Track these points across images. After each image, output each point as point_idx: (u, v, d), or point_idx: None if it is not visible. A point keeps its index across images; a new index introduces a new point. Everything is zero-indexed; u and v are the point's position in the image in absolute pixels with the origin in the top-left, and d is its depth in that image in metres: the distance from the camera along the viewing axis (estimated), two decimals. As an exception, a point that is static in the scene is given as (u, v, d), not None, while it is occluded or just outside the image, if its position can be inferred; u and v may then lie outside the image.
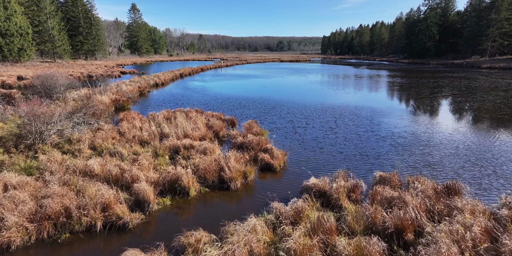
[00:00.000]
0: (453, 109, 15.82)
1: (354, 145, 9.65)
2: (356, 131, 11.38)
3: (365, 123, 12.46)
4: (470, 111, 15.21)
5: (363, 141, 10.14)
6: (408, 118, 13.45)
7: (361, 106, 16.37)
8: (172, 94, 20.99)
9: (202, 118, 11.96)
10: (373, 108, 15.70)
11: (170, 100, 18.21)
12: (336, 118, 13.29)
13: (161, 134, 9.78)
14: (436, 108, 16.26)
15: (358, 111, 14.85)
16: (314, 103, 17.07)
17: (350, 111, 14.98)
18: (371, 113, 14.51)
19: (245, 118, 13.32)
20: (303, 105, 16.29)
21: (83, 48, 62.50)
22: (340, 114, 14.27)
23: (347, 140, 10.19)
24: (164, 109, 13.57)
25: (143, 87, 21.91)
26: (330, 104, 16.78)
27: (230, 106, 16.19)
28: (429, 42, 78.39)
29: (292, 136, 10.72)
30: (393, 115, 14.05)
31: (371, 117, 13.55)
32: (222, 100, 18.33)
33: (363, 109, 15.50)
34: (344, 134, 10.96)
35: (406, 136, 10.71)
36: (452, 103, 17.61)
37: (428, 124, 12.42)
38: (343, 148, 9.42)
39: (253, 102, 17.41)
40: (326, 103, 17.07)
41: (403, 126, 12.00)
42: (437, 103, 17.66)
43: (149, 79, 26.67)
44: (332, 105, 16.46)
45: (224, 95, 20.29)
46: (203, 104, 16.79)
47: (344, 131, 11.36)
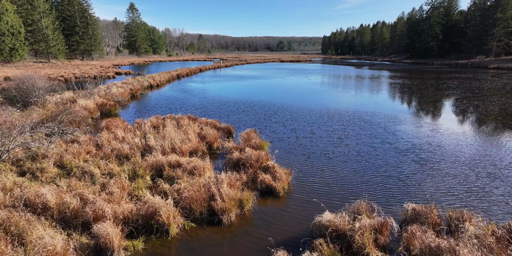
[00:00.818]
0: (474, 115, 14.40)
1: (370, 162, 8.26)
2: (369, 142, 9.99)
3: (378, 133, 11.07)
4: (493, 117, 13.82)
5: (380, 155, 8.74)
6: (428, 126, 12.03)
7: (371, 111, 14.98)
8: (166, 97, 19.61)
9: (194, 127, 10.60)
10: (385, 114, 14.31)
11: (162, 104, 16.83)
12: (345, 126, 11.91)
13: (146, 146, 8.41)
14: (455, 113, 14.86)
15: (368, 118, 13.46)
16: (318, 108, 15.69)
17: (359, 117, 13.59)
18: (383, 119, 13.12)
19: (243, 126, 11.95)
20: (307, 111, 14.91)
21: (79, 48, 61.13)
22: (349, 121, 12.89)
23: (361, 155, 8.80)
24: (153, 116, 12.20)
25: (135, 89, 20.54)
26: (336, 109, 15.40)
27: (228, 111, 14.81)
28: (432, 42, 76.98)
29: (297, 149, 9.34)
30: (408, 123, 12.66)
31: (384, 125, 12.16)
32: (219, 104, 16.95)
33: (374, 115, 14.11)
34: (357, 146, 9.57)
35: (431, 149, 9.30)
36: (470, 107, 16.19)
37: (453, 134, 11.00)
38: (358, 165, 8.03)
39: (252, 106, 16.03)
40: (331, 108, 15.68)
41: (424, 137, 10.59)
42: (454, 107, 16.26)
43: (143, 81, 25.30)
44: (338, 110, 15.07)
45: (222, 99, 18.91)
46: (198, 109, 15.41)
47: (356, 142, 9.97)
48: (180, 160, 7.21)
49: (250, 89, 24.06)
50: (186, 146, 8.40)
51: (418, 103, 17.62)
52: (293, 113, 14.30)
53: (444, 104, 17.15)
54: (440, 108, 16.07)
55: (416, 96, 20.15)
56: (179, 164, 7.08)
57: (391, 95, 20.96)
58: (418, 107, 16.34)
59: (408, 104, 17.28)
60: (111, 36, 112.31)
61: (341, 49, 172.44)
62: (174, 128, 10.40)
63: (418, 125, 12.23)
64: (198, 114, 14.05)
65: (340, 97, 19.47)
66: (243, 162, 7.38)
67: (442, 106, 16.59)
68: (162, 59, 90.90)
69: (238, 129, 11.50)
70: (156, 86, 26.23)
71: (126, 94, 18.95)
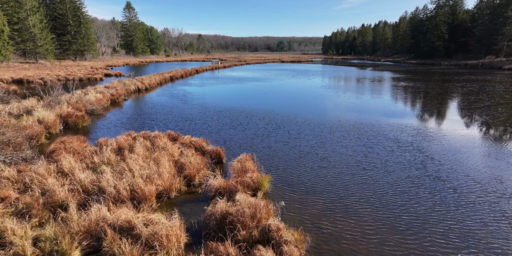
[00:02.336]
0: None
1: (420, 213, 5.68)
2: (407, 173, 7.43)
3: (415, 158, 8.46)
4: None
5: (430, 200, 6.18)
6: (482, 150, 9.43)
7: (393, 124, 12.43)
8: (152, 104, 17.08)
9: (173, 149, 8.09)
10: (411, 128, 11.75)
11: (145, 114, 14.29)
12: (367, 148, 9.35)
13: (94, 187, 5.88)
14: (501, 126, 12.29)
15: (393, 134, 10.90)
16: (328, 119, 13.15)
17: (381, 132, 11.04)
18: (413, 137, 10.55)
19: (238, 146, 9.41)
20: (315, 123, 12.34)
21: (71, 48, 58.60)
22: (369, 137, 10.34)
23: (403, 198, 6.24)
24: (125, 133, 9.68)
25: (117, 95, 17.99)
26: (350, 121, 12.85)
27: (220, 124, 12.25)
28: (438, 42, 74.46)
29: (310, 188, 6.77)
30: (451, 142, 10.08)
31: (418, 145, 9.57)
32: (211, 114, 14.40)
33: (399, 130, 11.55)
34: (391, 183, 6.98)
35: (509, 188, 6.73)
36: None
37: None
38: (404, 221, 5.47)
39: (250, 117, 13.48)
40: (344, 119, 13.13)
41: (487, 168, 8.01)
42: (491, 117, 13.69)
43: (130, 84, 22.77)
44: (353, 123, 12.52)
45: (215, 106, 16.36)
46: (185, 121, 12.87)
47: (388, 175, 7.37)
48: (134, 219, 4.66)
49: (249, 94, 21.53)
50: (151, 187, 5.86)
51: (446, 113, 15.05)
52: (299, 126, 11.74)
53: (478, 113, 14.60)
54: (477, 119, 13.52)
55: (439, 103, 17.60)
56: (131, 227, 4.54)
57: (409, 102, 18.40)
58: (448, 119, 13.76)
59: (434, 115, 14.70)
60: (109, 36, 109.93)
61: (342, 49, 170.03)
62: (145, 151, 7.88)
63: (470, 146, 9.68)
64: (185, 127, 11.51)
65: (352, 105, 16.92)
66: (232, 219, 4.84)
67: (477, 116, 14.04)
68: (159, 59, 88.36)
69: (231, 150, 8.97)
70: (145, 90, 23.70)
71: (105, 100, 16.41)
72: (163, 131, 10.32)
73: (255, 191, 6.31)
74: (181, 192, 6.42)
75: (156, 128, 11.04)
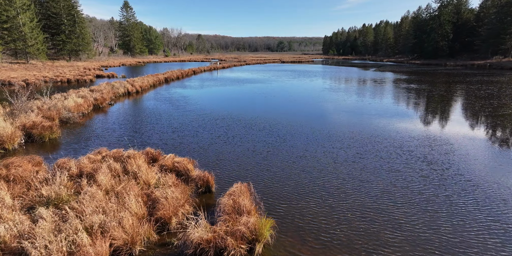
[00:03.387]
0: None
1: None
2: (455, 212, 5.64)
3: (463, 188, 6.67)
4: None
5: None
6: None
7: (416, 137, 10.63)
8: (139, 111, 15.29)
9: (149, 175, 6.32)
10: (442, 142, 9.94)
11: (128, 123, 12.49)
12: (395, 172, 7.54)
13: (19, 245, 4.09)
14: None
15: (421, 151, 9.10)
16: (338, 130, 11.35)
17: (406, 148, 9.24)
18: (448, 155, 8.74)
19: (232, 169, 7.60)
20: (325, 136, 10.51)
21: (66, 48, 56.83)
22: (391, 155, 8.55)
23: (451, 250, 4.47)
24: (95, 150, 7.91)
25: (101, 99, 16.20)
26: (364, 133, 11.04)
27: (213, 137, 10.45)
28: (442, 42, 72.67)
29: (328, 238, 4.98)
30: (487, 159, 8.31)
31: (458, 168, 7.78)
32: (204, 122, 12.61)
33: (427, 145, 9.73)
34: (433, 225, 5.22)
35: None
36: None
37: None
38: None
39: (249, 127, 11.67)
40: (357, 130, 11.32)
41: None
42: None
43: (119, 87, 20.98)
44: (369, 135, 10.71)
45: (210, 113, 14.58)
46: (173, 132, 11.08)
47: (427, 217, 5.58)
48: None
49: (247, 98, 19.74)
50: (103, 245, 4.07)
51: (475, 123, 13.24)
52: (306, 140, 9.92)
53: (509, 120, 12.81)
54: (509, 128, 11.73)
55: (460, 109, 15.80)
56: None
57: (427, 108, 16.59)
58: (482, 130, 11.96)
59: (460, 124, 12.89)
60: (107, 36, 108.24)
61: (343, 50, 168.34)
62: (112, 179, 6.10)
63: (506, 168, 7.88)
64: (171, 141, 9.71)
65: (363, 112, 15.12)
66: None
67: (508, 124, 12.25)
68: (157, 60, 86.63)
69: (224, 173, 7.18)
70: (136, 93, 21.91)
71: (86, 106, 14.62)
72: (142, 147, 8.54)
73: (251, 243, 4.54)
74: (150, 244, 4.64)
75: (135, 142, 9.23)
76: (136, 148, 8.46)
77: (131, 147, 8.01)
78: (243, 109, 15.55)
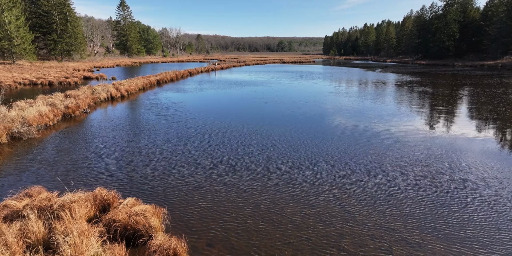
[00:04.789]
0: None
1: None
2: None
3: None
4: None
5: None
6: None
7: (459, 160, 8.25)
8: (115, 122, 12.89)
9: (83, 244, 3.93)
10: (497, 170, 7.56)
11: (93, 140, 10.10)
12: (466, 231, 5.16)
13: None
14: None
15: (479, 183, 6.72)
16: (361, 152, 8.95)
17: (454, 183, 6.86)
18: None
19: (226, 233, 5.20)
20: (345, 163, 8.07)
21: (57, 48, 54.45)
22: (446, 201, 6.16)
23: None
24: (22, 191, 5.53)
25: (74, 107, 13.80)
26: (399, 154, 8.64)
27: (199, 163, 8.03)
28: (448, 42, 70.27)
29: None
30: None
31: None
32: (190, 139, 10.22)
33: (483, 178, 7.35)
34: None
35: None
36: None
37: None
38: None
39: (245, 148, 9.22)
40: (388, 152, 8.89)
41: None
42: None
43: (101, 91, 18.60)
44: (407, 158, 8.31)
45: (200, 126, 12.19)
46: (148, 154, 8.69)
47: None
48: None
49: (245, 104, 17.37)
50: None
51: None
52: (324, 174, 7.51)
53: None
54: None
55: (498, 119, 13.43)
56: None
57: (456, 119, 14.23)
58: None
59: (505, 140, 10.52)
60: (104, 35, 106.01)
61: (344, 50, 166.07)
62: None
63: None
64: (141, 170, 7.29)
65: (385, 123, 12.74)
66: None
67: None
68: (154, 60, 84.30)
69: (208, 241, 4.79)
70: (121, 98, 19.53)
71: (52, 116, 12.23)
72: (91, 186, 6.14)
73: None
74: None
75: (90, 174, 6.77)
76: (88, 184, 6.08)
77: (67, 192, 5.53)
78: (240, 120, 13.17)
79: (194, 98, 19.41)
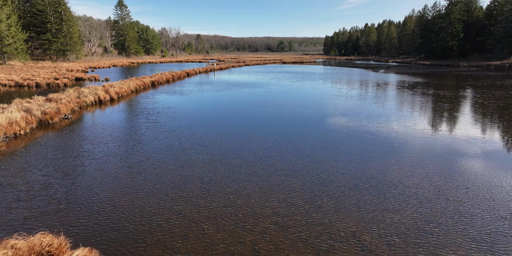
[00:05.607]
0: None
1: None
2: None
3: None
4: None
5: None
6: None
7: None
8: (98, 131, 11.46)
9: None
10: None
11: (63, 157, 8.64)
12: None
13: None
14: None
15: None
16: (382, 169, 7.54)
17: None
18: None
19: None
20: (361, 185, 6.69)
21: (52, 47, 53.02)
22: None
23: None
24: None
25: (52, 113, 12.36)
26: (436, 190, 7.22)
27: (187, 194, 6.62)
28: (452, 41, 68.85)
29: None
30: None
31: None
32: (179, 155, 8.78)
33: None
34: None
35: None
36: None
37: None
38: None
39: (245, 172, 7.77)
40: (412, 171, 7.49)
41: None
42: None
43: (88, 94, 17.17)
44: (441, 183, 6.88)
45: (192, 135, 10.78)
46: (125, 176, 7.25)
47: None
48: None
49: (244, 110, 15.94)
50: None
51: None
52: (341, 203, 6.09)
53: None
54: None
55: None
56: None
57: (484, 124, 12.82)
58: None
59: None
60: (103, 35, 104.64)
61: (345, 50, 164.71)
62: None
63: None
64: (109, 204, 5.87)
65: (406, 133, 11.33)
66: None
67: None
68: (153, 60, 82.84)
69: None
70: (110, 101, 18.11)
71: (24, 124, 10.80)
72: (38, 226, 4.70)
73: None
74: None
75: (36, 211, 5.28)
76: (35, 224, 4.64)
77: (8, 236, 4.08)
78: (238, 129, 11.75)
79: (189, 102, 17.98)
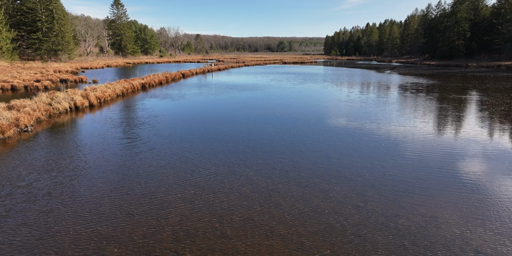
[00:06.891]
0: None
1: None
2: None
3: None
4: None
5: None
6: None
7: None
8: (61, 149, 9.24)
9: None
10: None
11: (6, 184, 6.44)
12: None
13: None
14: None
15: None
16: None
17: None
18: None
19: None
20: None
21: (42, 47, 50.76)
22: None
23: None
24: None
25: (4, 126, 10.14)
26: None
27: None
28: (458, 41, 66.57)
29: None
30: None
31: None
32: (155, 190, 6.59)
33: None
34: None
35: None
36: None
37: None
38: None
39: (239, 206, 5.58)
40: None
41: None
42: None
43: (62, 100, 14.93)
44: None
45: (176, 154, 8.58)
46: (82, 226, 5.04)
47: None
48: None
49: (241, 119, 13.71)
50: None
51: None
52: None
53: None
54: None
55: None
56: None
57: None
58: None
59: None
60: (100, 35, 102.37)
61: (346, 50, 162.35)
62: None
63: None
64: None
65: (430, 150, 9.10)
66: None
67: None
68: (150, 60, 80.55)
69: None
70: (88, 107, 15.89)
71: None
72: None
73: None
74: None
75: None
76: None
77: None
78: (235, 144, 9.53)
79: (179, 109, 15.76)
